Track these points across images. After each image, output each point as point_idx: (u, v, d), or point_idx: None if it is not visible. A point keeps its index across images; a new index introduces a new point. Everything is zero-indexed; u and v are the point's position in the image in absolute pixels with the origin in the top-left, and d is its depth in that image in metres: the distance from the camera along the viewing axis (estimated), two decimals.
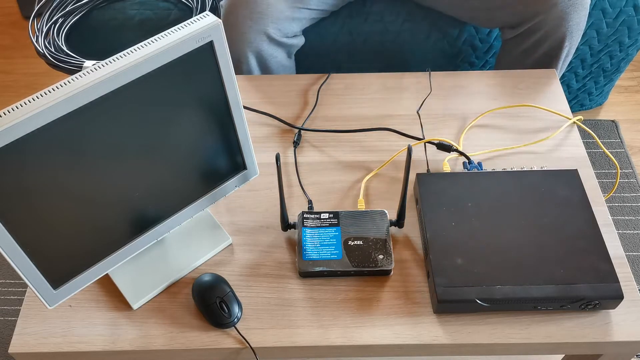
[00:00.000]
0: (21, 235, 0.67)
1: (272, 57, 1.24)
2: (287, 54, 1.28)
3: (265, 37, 1.19)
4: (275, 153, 0.80)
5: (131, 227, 0.79)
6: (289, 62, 1.30)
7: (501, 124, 1.07)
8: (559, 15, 1.15)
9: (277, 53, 1.24)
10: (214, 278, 0.84)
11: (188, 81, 0.72)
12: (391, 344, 0.80)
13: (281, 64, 1.27)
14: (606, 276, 0.80)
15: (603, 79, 1.67)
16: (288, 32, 1.23)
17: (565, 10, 1.14)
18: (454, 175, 0.94)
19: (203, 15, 0.70)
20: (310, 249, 0.86)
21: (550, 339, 0.80)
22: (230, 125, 0.80)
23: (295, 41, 1.27)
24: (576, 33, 1.19)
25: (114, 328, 0.82)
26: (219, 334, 0.81)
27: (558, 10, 1.14)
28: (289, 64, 1.30)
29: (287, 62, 1.29)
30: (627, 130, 1.79)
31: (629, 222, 1.56)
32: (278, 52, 1.24)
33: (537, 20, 1.17)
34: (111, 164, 0.71)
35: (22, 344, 0.81)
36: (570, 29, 1.17)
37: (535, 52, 1.23)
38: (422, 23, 1.42)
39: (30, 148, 0.62)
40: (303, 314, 0.83)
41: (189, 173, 0.81)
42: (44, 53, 1.35)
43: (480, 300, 0.79)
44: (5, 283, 1.49)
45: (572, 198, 0.89)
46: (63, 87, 0.62)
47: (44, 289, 0.73)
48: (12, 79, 2.01)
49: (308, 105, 1.11)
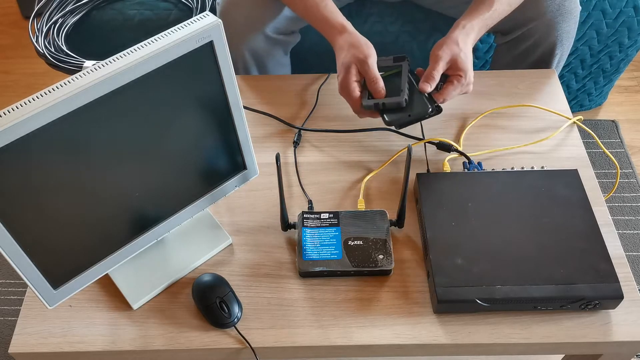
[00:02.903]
0: (21, 235, 0.66)
1: (268, 55, 1.24)
2: (284, 51, 1.28)
3: (262, 36, 1.20)
4: (275, 153, 0.80)
5: (131, 227, 0.79)
6: (284, 58, 1.30)
7: (501, 124, 1.07)
8: (548, 23, 1.17)
9: (273, 50, 1.25)
10: (214, 278, 0.84)
11: (188, 81, 0.72)
12: (391, 344, 0.80)
13: (277, 61, 1.28)
14: (606, 276, 0.80)
15: (602, 79, 1.67)
16: (284, 30, 1.23)
17: (554, 19, 1.16)
18: (454, 175, 0.94)
19: (203, 15, 0.69)
20: (310, 249, 0.86)
21: (550, 339, 0.80)
22: (230, 125, 0.80)
23: (291, 38, 1.28)
24: (566, 41, 1.21)
25: (114, 328, 0.82)
26: (219, 334, 0.81)
27: (547, 19, 1.16)
28: (285, 61, 1.31)
29: (283, 59, 1.30)
30: (627, 130, 1.79)
31: (629, 222, 1.56)
32: (274, 49, 1.25)
33: (527, 28, 1.19)
34: (111, 164, 0.71)
35: (22, 344, 0.81)
36: (560, 37, 1.19)
37: (526, 58, 1.24)
38: (422, 24, 1.42)
39: (30, 148, 0.62)
40: (303, 314, 0.83)
41: (189, 173, 0.81)
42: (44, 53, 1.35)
43: (480, 300, 0.79)
44: (5, 283, 1.49)
45: (572, 198, 0.89)
46: (63, 87, 0.62)
47: (44, 289, 0.73)
48: (12, 79, 2.01)
49: (308, 105, 1.11)
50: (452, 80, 0.98)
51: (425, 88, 0.96)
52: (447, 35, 1.00)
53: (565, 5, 1.16)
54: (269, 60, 1.26)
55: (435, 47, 0.98)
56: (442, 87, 0.98)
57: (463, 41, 0.98)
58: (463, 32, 1.00)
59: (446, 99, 0.98)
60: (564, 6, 1.16)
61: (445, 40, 0.98)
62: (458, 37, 0.98)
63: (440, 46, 0.98)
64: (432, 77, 0.96)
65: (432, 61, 0.97)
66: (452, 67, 0.97)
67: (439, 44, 0.98)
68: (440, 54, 0.96)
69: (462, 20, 1.02)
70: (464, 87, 0.99)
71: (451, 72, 0.98)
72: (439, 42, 0.99)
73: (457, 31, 1.00)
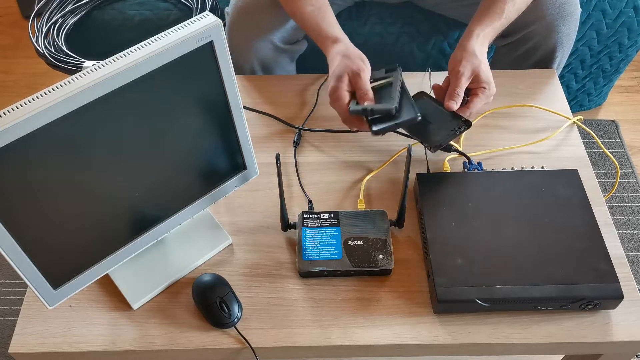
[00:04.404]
0: (21, 235, 0.66)
1: (275, 63, 1.25)
2: (290, 58, 1.29)
3: (271, 45, 1.21)
4: (275, 153, 0.80)
5: (131, 227, 0.79)
6: (290, 66, 1.32)
7: (501, 124, 1.07)
8: (548, 26, 1.17)
9: (280, 59, 1.26)
10: (214, 278, 0.84)
11: (188, 81, 0.72)
12: (391, 344, 0.80)
13: (284, 69, 1.29)
14: (606, 276, 0.80)
15: (602, 79, 1.67)
16: (291, 40, 1.24)
17: (554, 22, 1.16)
18: (454, 175, 0.94)
19: (203, 15, 0.69)
20: (310, 249, 0.86)
21: (550, 339, 0.80)
22: (230, 125, 0.80)
23: (298, 47, 1.29)
24: (567, 43, 1.21)
25: (114, 328, 0.82)
26: (219, 334, 0.81)
27: (547, 22, 1.16)
28: (291, 68, 1.32)
29: (289, 66, 1.31)
30: (627, 130, 1.79)
31: (629, 222, 1.56)
32: (281, 57, 1.26)
33: (528, 31, 1.19)
34: (111, 164, 0.71)
35: (22, 344, 0.81)
36: (560, 39, 1.19)
37: (526, 60, 1.24)
38: (422, 25, 1.42)
39: (30, 148, 0.62)
40: (303, 314, 0.83)
41: (189, 173, 0.81)
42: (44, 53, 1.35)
43: (480, 300, 0.79)
44: (5, 283, 1.49)
45: (572, 198, 0.89)
46: (63, 87, 0.62)
47: (44, 289, 0.73)
48: (12, 79, 2.01)
49: (308, 105, 1.11)
50: (477, 93, 0.97)
51: (451, 106, 0.95)
52: (462, 46, 0.99)
53: (565, 8, 1.16)
54: (276, 68, 1.27)
55: (454, 62, 0.97)
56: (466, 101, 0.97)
57: (480, 51, 0.97)
58: (478, 42, 0.99)
59: (473, 112, 0.98)
60: (564, 9, 1.16)
61: (463, 54, 0.97)
62: (475, 48, 0.97)
63: (460, 61, 0.96)
64: (457, 95, 0.95)
65: (453, 78, 0.96)
66: (475, 81, 0.96)
67: (457, 58, 0.97)
68: (462, 70, 0.95)
69: (475, 28, 1.01)
70: (489, 98, 0.98)
71: (474, 85, 0.97)
72: (457, 56, 0.97)
73: (473, 41, 0.98)
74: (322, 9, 1.05)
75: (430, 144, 0.95)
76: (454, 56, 0.98)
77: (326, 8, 1.06)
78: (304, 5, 1.05)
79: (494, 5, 1.02)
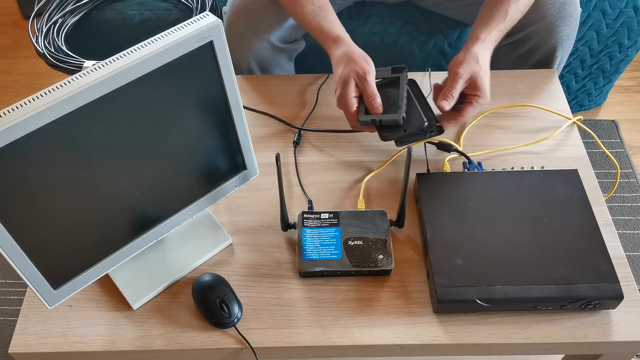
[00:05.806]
0: (21, 235, 0.66)
1: (273, 62, 1.25)
2: (288, 57, 1.29)
3: (268, 45, 1.21)
4: (275, 153, 0.80)
5: (131, 227, 0.79)
6: (289, 65, 1.31)
7: (501, 124, 1.07)
8: (548, 26, 1.17)
9: (279, 58, 1.25)
10: (214, 278, 0.84)
11: (188, 81, 0.72)
12: (391, 344, 0.80)
13: (282, 68, 1.28)
14: (606, 276, 0.80)
15: (602, 79, 1.67)
16: (289, 39, 1.24)
17: (554, 22, 1.16)
18: (454, 175, 0.94)
19: (203, 15, 0.69)
20: (310, 249, 0.86)
21: (550, 339, 0.80)
22: (230, 125, 0.80)
23: (296, 46, 1.28)
24: (567, 44, 1.21)
25: (114, 328, 0.82)
26: (219, 334, 0.81)
27: (547, 22, 1.16)
28: (289, 68, 1.32)
29: (288, 65, 1.30)
30: (627, 130, 1.79)
31: (629, 222, 1.56)
32: (279, 57, 1.25)
33: (528, 31, 1.19)
34: (111, 164, 0.71)
35: (22, 344, 0.81)
36: (560, 40, 1.19)
37: (527, 61, 1.24)
38: (422, 25, 1.42)
39: (30, 148, 0.62)
40: (303, 314, 0.83)
41: (189, 173, 0.81)
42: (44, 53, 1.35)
43: (480, 300, 0.79)
44: (5, 283, 1.49)
45: (572, 198, 0.89)
46: (63, 87, 0.62)
47: (44, 289, 0.73)
48: (12, 79, 2.01)
49: (308, 105, 1.11)
50: (471, 101, 0.96)
51: (443, 106, 0.94)
52: (465, 49, 0.98)
53: (565, 8, 1.16)
54: (274, 68, 1.26)
55: (455, 63, 0.96)
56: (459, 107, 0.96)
57: (482, 56, 0.97)
58: (482, 46, 0.98)
59: (465, 120, 0.97)
60: (564, 9, 1.16)
61: (465, 57, 0.96)
62: (478, 53, 0.96)
63: (460, 63, 0.95)
64: (451, 96, 0.94)
65: (451, 79, 0.96)
66: (470, 86, 0.96)
67: (459, 60, 0.96)
68: (461, 72, 0.94)
69: (479, 31, 1.00)
70: (482, 107, 0.97)
71: (469, 91, 0.96)
72: (459, 58, 0.97)
73: (477, 45, 0.98)
74: (323, 7, 1.05)
75: (391, 138, 0.95)
76: (456, 57, 0.98)
77: (327, 6, 1.06)
78: (305, 4, 1.05)
79: (497, 6, 1.02)
